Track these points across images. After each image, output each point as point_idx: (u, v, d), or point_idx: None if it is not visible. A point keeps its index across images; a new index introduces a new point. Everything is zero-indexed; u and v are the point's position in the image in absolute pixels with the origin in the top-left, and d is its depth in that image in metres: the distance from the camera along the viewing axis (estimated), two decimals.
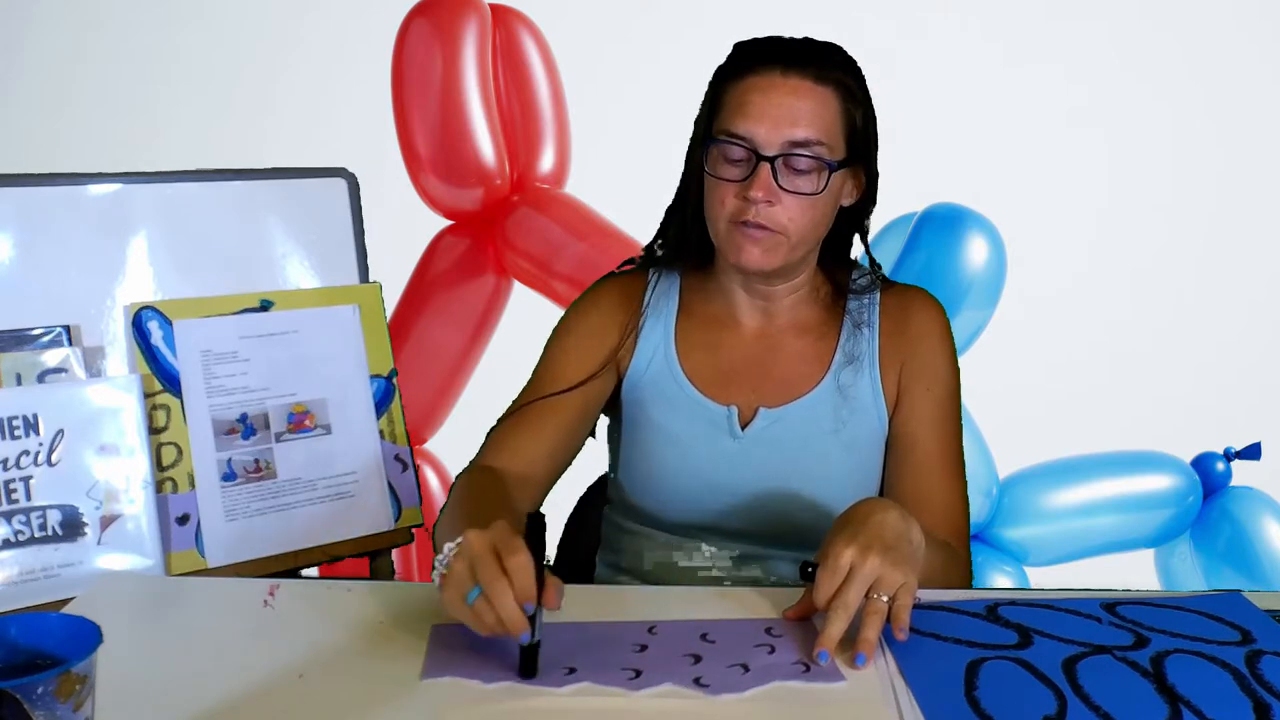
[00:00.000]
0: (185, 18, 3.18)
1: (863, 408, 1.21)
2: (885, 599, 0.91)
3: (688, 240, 1.23)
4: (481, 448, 1.22)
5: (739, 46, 1.17)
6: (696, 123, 1.19)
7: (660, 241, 1.27)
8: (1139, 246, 2.98)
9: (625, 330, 1.25)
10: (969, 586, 1.16)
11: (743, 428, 1.20)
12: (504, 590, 0.83)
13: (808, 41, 1.15)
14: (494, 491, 1.13)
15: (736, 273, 1.20)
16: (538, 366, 1.26)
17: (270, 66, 3.08)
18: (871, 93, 1.17)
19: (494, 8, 2.31)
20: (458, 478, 1.18)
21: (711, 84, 1.18)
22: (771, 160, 1.10)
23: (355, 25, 2.87)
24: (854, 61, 1.16)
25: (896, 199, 2.17)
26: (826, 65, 1.12)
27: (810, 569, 0.94)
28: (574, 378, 1.22)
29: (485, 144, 2.24)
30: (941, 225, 2.17)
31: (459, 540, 0.89)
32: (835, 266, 1.25)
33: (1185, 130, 3.00)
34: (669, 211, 1.25)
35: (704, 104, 1.18)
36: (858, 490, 1.20)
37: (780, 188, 1.10)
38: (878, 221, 1.26)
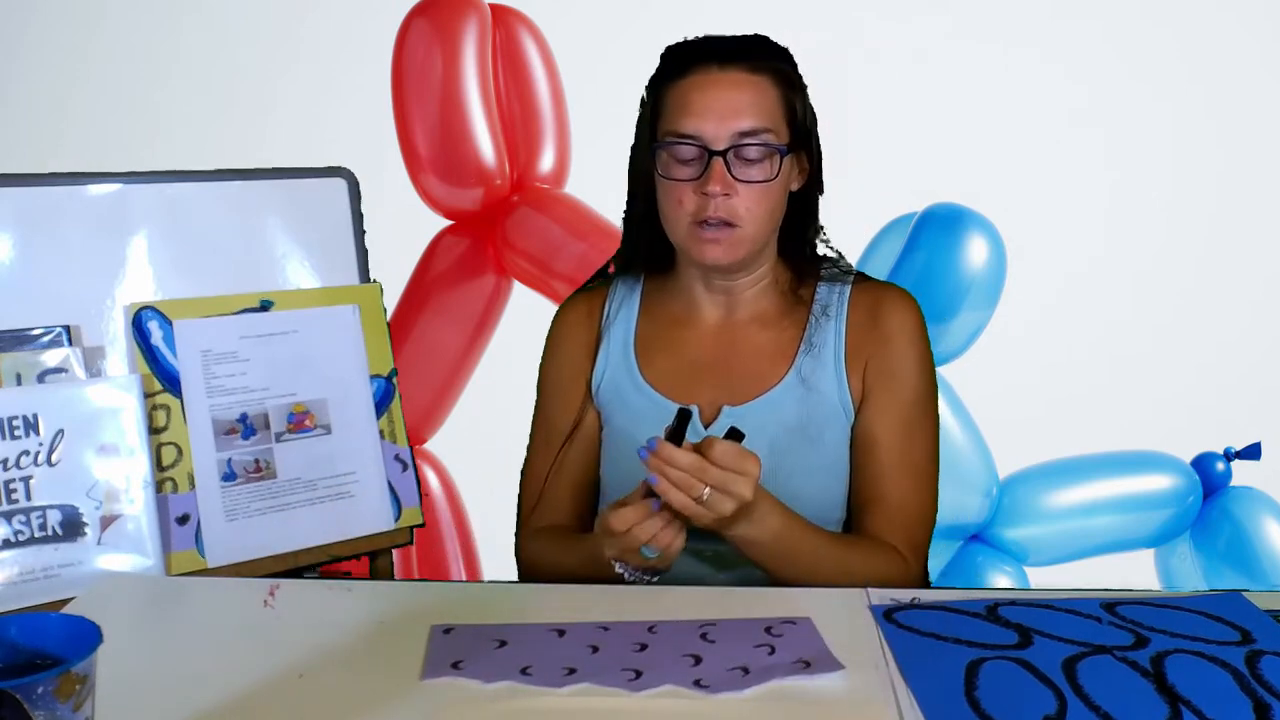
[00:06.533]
0: (185, 18, 3.18)
1: (828, 403, 1.20)
2: (705, 495, 0.99)
3: (643, 246, 1.24)
4: (528, 507, 1.29)
5: (670, 51, 1.19)
6: (638, 131, 1.20)
7: (620, 252, 1.29)
8: (1139, 246, 2.97)
9: (591, 350, 1.28)
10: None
11: (705, 427, 1.20)
12: (651, 524, 1.01)
13: (737, 37, 1.17)
14: (568, 535, 1.24)
15: (700, 269, 1.21)
16: (539, 412, 1.31)
17: (270, 66, 3.07)
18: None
19: (494, 8, 2.31)
20: (528, 543, 1.28)
21: (648, 91, 1.20)
22: (723, 154, 1.12)
23: (355, 25, 2.86)
24: (785, 49, 1.19)
25: (896, 199, 2.19)
26: (759, 55, 1.15)
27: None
28: (574, 418, 1.27)
29: (485, 144, 2.24)
30: (941, 225, 2.16)
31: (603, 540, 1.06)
32: (793, 254, 1.25)
33: (1185, 130, 3.00)
34: (625, 221, 1.26)
35: (644, 111, 1.20)
36: (826, 484, 1.20)
37: (735, 179, 1.12)
38: (878, 222, 1.26)
